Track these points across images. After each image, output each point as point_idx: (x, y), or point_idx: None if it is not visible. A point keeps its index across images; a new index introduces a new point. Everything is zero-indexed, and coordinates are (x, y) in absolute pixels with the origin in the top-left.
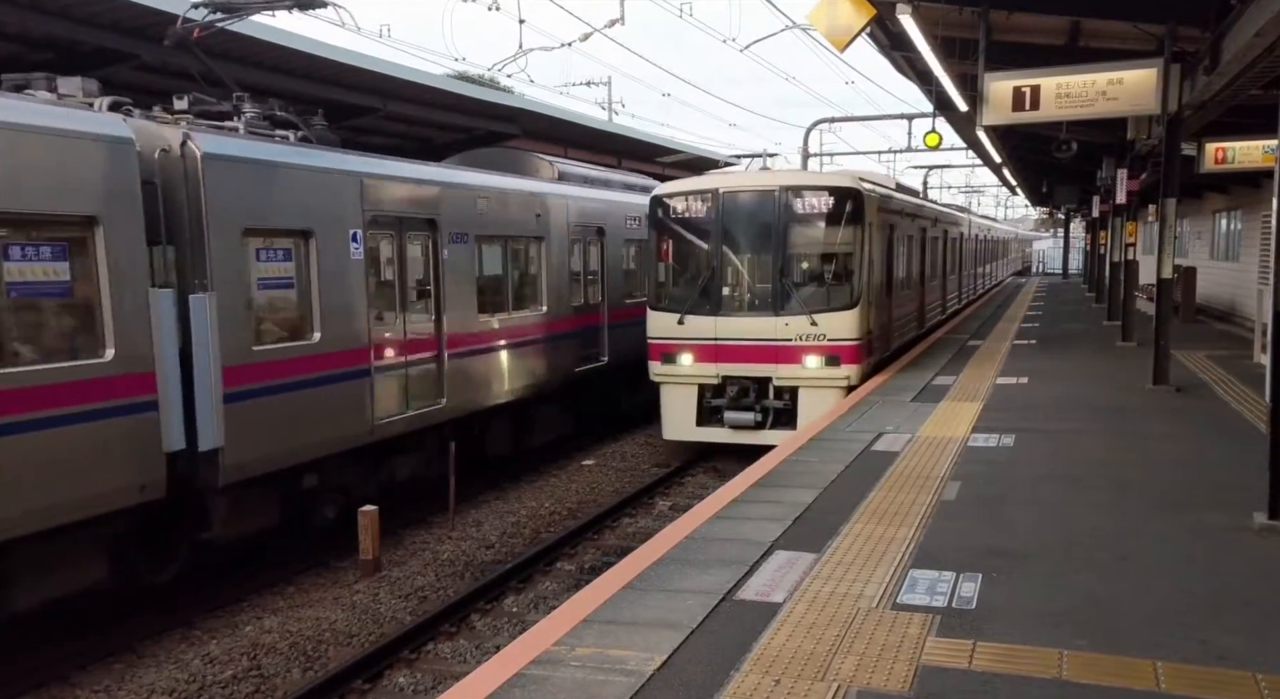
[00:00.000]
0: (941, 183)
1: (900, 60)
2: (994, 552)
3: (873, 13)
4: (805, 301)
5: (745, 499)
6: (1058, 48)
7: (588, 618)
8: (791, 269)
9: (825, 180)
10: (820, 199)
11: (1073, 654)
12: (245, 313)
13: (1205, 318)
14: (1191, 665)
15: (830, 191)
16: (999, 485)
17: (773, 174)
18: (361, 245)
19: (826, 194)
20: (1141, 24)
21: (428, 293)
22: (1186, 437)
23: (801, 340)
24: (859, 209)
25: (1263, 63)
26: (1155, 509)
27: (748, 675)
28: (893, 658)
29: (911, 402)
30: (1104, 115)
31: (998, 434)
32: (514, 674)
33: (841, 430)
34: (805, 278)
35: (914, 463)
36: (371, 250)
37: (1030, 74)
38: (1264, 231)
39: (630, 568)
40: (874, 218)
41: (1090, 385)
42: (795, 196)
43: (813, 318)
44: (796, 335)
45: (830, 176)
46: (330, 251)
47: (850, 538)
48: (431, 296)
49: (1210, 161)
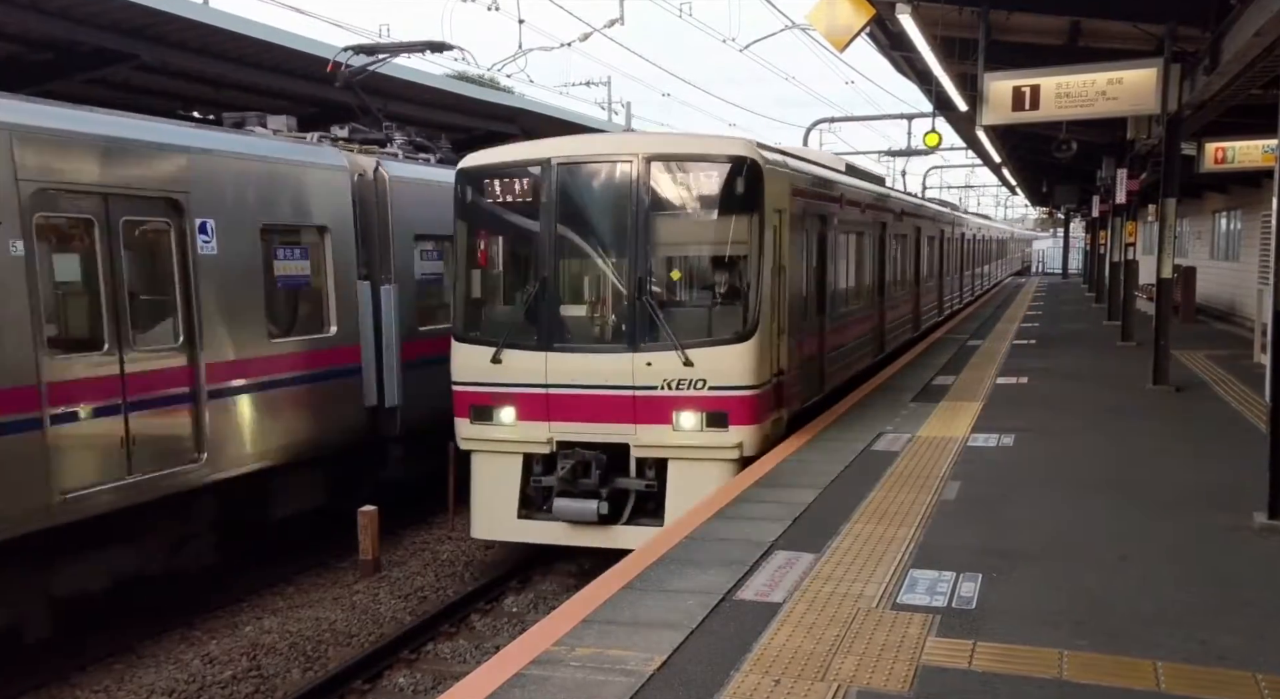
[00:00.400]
0: (941, 182)
1: (900, 60)
2: (994, 552)
3: (872, 12)
4: (677, 330)
5: (745, 499)
6: (1057, 48)
7: (587, 618)
8: (658, 280)
9: (704, 146)
10: (698, 175)
11: (1073, 654)
12: (413, 300)
13: (1205, 318)
14: (1192, 665)
15: (711, 163)
16: (999, 485)
17: (632, 137)
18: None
19: (706, 167)
20: (1141, 24)
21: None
22: (1186, 436)
23: (671, 389)
24: (754, 191)
25: (1262, 62)
26: (1155, 509)
27: (748, 675)
28: (893, 658)
29: (911, 402)
30: (1104, 115)
31: (997, 434)
32: (514, 674)
33: (841, 430)
34: (679, 294)
35: (914, 463)
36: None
37: (1030, 74)
38: (1264, 231)
39: (630, 568)
40: (783, 204)
41: (1090, 385)
42: (663, 171)
43: (686, 355)
44: (663, 382)
45: (711, 141)
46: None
47: (850, 538)
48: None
49: (1210, 161)
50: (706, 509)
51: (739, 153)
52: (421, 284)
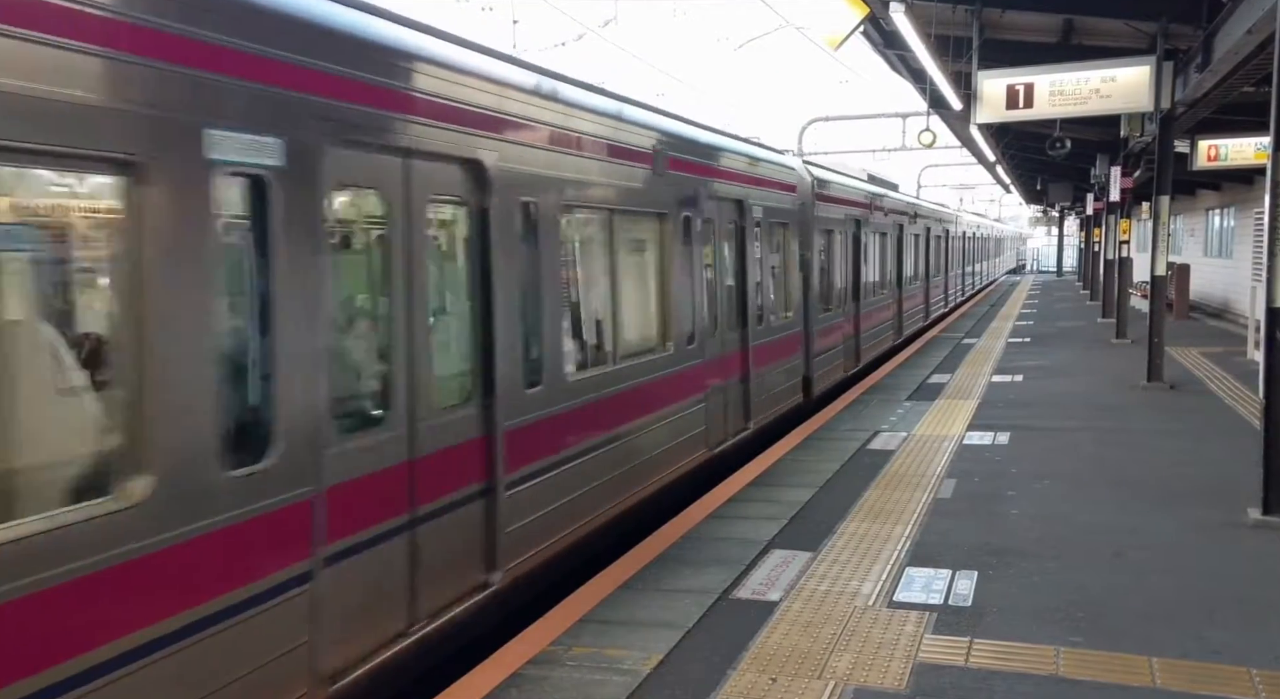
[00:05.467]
0: (935, 181)
1: (894, 59)
2: (989, 549)
3: (866, 11)
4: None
5: (741, 498)
6: (1051, 46)
7: (584, 617)
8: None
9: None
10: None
11: (1069, 651)
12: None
13: (1199, 315)
14: (1187, 661)
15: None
16: (994, 483)
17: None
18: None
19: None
20: (1134, 22)
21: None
22: (1181, 433)
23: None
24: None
25: (1254, 60)
26: (1150, 506)
27: (744, 674)
28: (889, 655)
29: (906, 400)
30: (1097, 113)
31: (993, 432)
32: (511, 674)
33: (837, 429)
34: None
35: (909, 461)
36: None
37: (1024, 72)
38: (1257, 228)
39: (626, 567)
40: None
41: (1085, 382)
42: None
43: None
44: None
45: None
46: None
47: (846, 536)
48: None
49: (1203, 159)
50: (703, 509)
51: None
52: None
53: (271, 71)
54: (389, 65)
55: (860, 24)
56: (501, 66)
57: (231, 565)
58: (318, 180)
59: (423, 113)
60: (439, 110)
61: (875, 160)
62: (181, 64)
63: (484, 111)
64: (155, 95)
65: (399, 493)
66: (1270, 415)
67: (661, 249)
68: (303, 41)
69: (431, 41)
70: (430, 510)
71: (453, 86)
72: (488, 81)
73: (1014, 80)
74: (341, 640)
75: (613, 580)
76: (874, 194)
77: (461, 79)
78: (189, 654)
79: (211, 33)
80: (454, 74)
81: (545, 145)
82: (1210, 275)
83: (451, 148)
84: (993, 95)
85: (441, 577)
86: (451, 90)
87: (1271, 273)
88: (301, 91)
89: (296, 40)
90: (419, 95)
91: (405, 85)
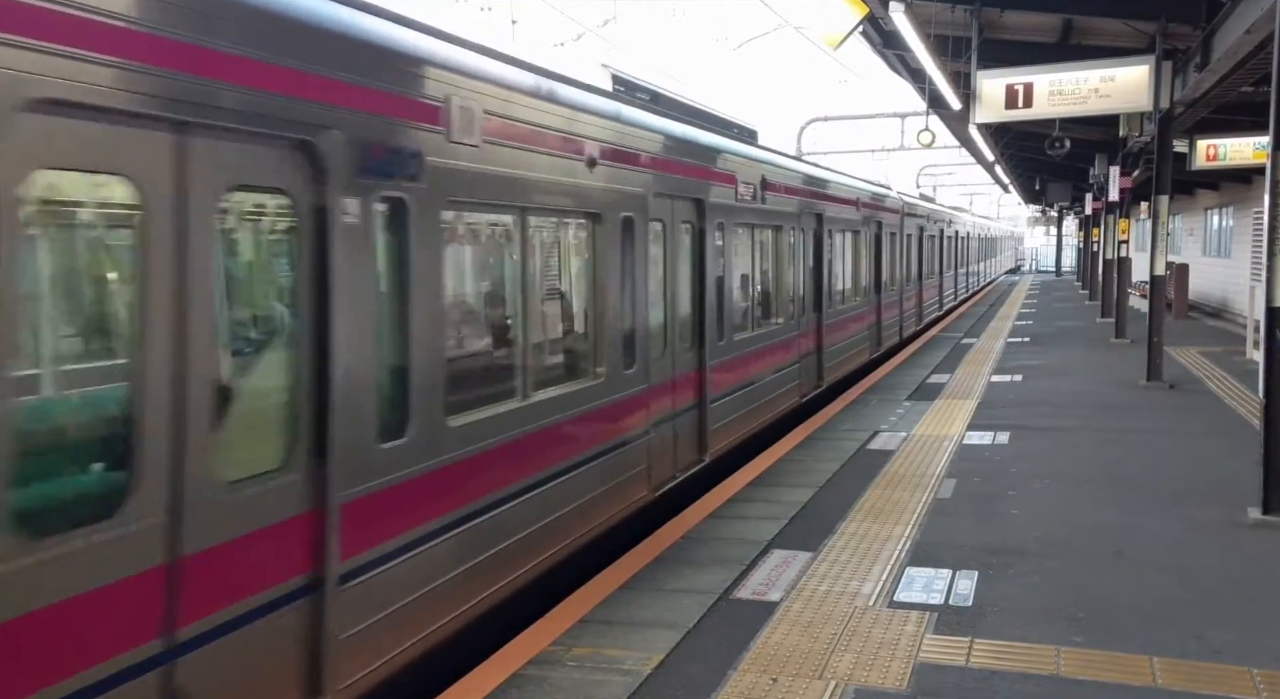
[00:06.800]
0: (941, 184)
1: (893, 58)
2: (990, 549)
3: (865, 11)
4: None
5: (741, 498)
6: (1050, 45)
7: (584, 618)
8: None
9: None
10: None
11: (1069, 650)
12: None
13: (1198, 314)
14: (1188, 661)
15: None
16: (994, 483)
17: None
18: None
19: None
20: (1133, 21)
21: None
22: (1180, 433)
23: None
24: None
25: (1253, 59)
26: (1150, 505)
27: (745, 674)
28: (890, 655)
29: (906, 400)
30: (1096, 112)
31: (993, 432)
32: (511, 674)
33: (837, 429)
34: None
35: (909, 461)
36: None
37: (1023, 72)
38: (1255, 228)
39: (627, 568)
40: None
41: (1084, 382)
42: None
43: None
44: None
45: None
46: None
47: (846, 536)
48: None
49: (1202, 158)
50: (702, 509)
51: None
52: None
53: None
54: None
55: (859, 24)
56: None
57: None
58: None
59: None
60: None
61: (875, 160)
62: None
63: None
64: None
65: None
66: (1270, 415)
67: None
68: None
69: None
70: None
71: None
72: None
73: (1013, 80)
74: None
75: (613, 580)
76: (829, 182)
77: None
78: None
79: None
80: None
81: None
82: (1209, 275)
83: (261, 123)
84: (992, 95)
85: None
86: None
87: (1271, 272)
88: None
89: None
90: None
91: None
